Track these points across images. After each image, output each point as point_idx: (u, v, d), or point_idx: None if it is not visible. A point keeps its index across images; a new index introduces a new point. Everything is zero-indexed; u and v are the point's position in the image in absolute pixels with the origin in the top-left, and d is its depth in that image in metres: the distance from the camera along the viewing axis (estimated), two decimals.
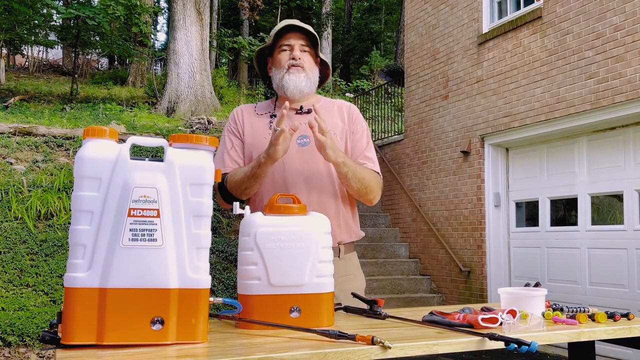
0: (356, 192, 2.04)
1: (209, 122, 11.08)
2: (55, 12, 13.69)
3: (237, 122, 2.14)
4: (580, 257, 5.83)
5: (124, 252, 1.28)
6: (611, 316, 1.68)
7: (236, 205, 1.60)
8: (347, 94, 17.21)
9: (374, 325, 1.59)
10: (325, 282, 1.58)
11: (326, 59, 2.20)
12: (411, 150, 8.28)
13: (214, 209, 5.84)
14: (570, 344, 1.97)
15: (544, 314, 1.67)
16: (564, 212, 6.34)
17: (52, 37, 17.14)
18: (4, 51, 18.54)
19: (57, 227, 6.61)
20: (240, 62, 20.80)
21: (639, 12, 5.06)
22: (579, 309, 1.77)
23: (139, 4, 13.27)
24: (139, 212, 1.30)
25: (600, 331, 1.57)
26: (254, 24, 20.82)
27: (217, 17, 20.39)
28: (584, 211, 5.83)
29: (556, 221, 6.30)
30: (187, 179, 1.35)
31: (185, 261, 1.33)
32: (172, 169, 1.34)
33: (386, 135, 9.91)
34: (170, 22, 12.64)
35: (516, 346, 1.32)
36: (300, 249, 1.55)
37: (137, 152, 7.54)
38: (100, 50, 19.13)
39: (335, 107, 2.17)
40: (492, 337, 1.35)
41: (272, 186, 2.00)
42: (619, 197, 5.55)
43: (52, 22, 14.93)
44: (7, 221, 6.49)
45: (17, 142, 8.01)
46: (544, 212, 6.32)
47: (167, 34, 14.93)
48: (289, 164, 2.01)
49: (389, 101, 12.61)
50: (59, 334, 1.27)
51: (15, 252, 6.11)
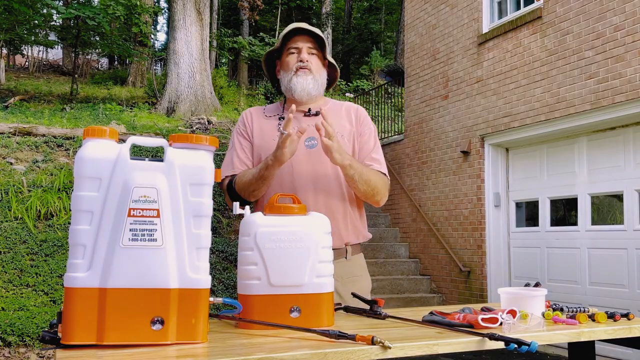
0: (363, 193, 2.05)
1: (209, 122, 11.08)
2: (55, 12, 13.69)
3: (246, 124, 2.16)
4: (580, 257, 5.83)
5: (124, 252, 1.28)
6: (611, 316, 1.68)
7: (236, 205, 1.60)
8: (347, 94, 17.21)
9: (374, 325, 1.59)
10: (325, 282, 1.58)
11: (334, 61, 2.22)
12: (411, 150, 8.28)
13: (214, 209, 5.86)
14: (570, 344, 1.97)
15: (544, 314, 1.67)
16: (564, 212, 6.34)
17: (52, 37, 17.14)
18: (4, 51, 18.54)
19: (57, 227, 6.61)
20: (240, 62, 20.79)
21: (639, 12, 5.06)
22: (579, 309, 1.77)
23: (139, 4, 13.27)
24: (139, 212, 1.30)
25: (600, 331, 1.57)
26: (254, 24, 20.82)
27: (217, 17, 20.39)
28: (584, 211, 5.83)
29: (556, 221, 6.30)
30: (187, 179, 1.35)
31: (185, 261, 1.33)
32: (172, 169, 1.34)
33: (386, 135, 9.91)
34: (170, 22, 12.64)
35: (516, 346, 1.32)
36: (300, 249, 1.55)
37: (137, 152, 7.54)
38: (100, 50, 19.14)
39: (343, 109, 2.19)
40: (492, 337, 1.35)
41: (280, 188, 2.01)
42: (619, 197, 5.55)
43: (52, 22, 14.92)
44: (7, 221, 6.49)
45: (17, 142, 8.01)
46: (544, 212, 6.32)
47: (167, 34, 14.94)
48: (297, 166, 2.03)
49: (389, 101, 12.61)
50: (59, 334, 1.27)
51: (15, 252, 6.11)
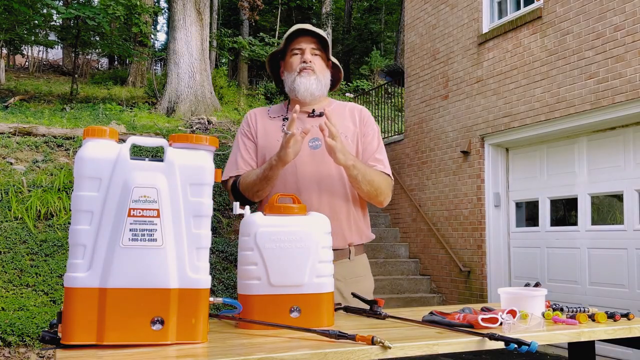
0: (366, 194, 2.06)
1: (209, 122, 11.08)
2: (55, 12, 13.69)
3: (250, 125, 2.17)
4: (580, 257, 5.83)
5: (124, 252, 1.28)
6: (611, 316, 1.68)
7: (236, 205, 1.60)
8: (347, 94, 17.21)
9: (374, 325, 1.59)
10: (325, 282, 1.58)
11: (337, 62, 2.23)
12: (411, 150, 8.28)
13: (214, 209, 5.85)
14: (570, 344, 1.97)
15: (544, 314, 1.67)
16: (564, 212, 6.34)
17: (52, 37, 17.13)
18: (4, 51, 18.54)
19: (57, 227, 6.61)
20: (240, 62, 20.79)
21: (639, 12, 5.06)
22: (579, 309, 1.77)
23: (139, 4, 13.27)
24: (139, 212, 1.30)
25: (600, 331, 1.57)
26: (254, 24, 20.82)
27: (217, 17, 20.39)
28: (584, 211, 5.83)
29: (556, 221, 6.30)
30: (187, 179, 1.35)
31: (185, 261, 1.33)
32: (172, 169, 1.34)
33: (386, 135, 9.91)
34: (170, 22, 12.63)
35: (516, 346, 1.32)
36: (300, 249, 1.55)
37: (137, 152, 7.54)
38: (100, 50, 19.13)
39: (346, 110, 2.19)
40: (492, 337, 1.35)
41: (284, 188, 2.02)
42: (619, 197, 5.55)
43: (52, 22, 14.92)
44: (7, 221, 6.49)
45: (17, 142, 8.01)
46: (544, 212, 6.32)
47: (167, 34, 14.93)
48: (300, 167, 2.04)
49: (389, 101, 12.62)
50: (59, 334, 1.27)
51: (15, 252, 6.11)
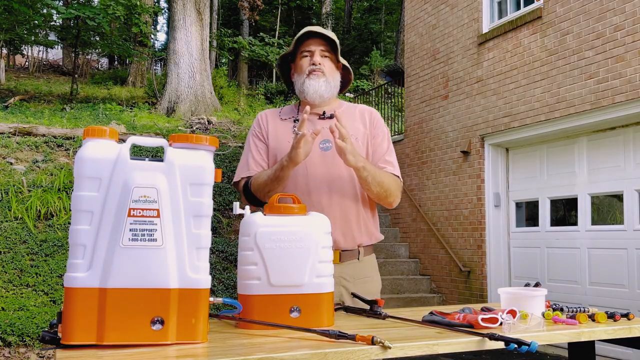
0: (376, 195, 2.07)
1: (209, 122, 11.08)
2: (55, 12, 13.69)
3: (261, 126, 2.19)
4: (580, 257, 5.83)
5: (124, 252, 1.28)
6: (611, 316, 1.68)
7: (236, 205, 1.60)
8: (347, 94, 17.20)
9: (374, 325, 1.60)
10: (325, 282, 1.58)
11: (347, 64, 2.24)
12: (411, 150, 8.28)
13: (214, 209, 5.85)
14: (570, 344, 1.97)
15: (544, 314, 1.67)
16: (564, 212, 6.34)
17: (52, 37, 17.13)
18: (4, 51, 18.54)
19: (57, 227, 6.61)
20: (240, 62, 20.79)
21: (639, 12, 5.06)
22: (579, 309, 1.77)
23: (139, 4, 13.27)
24: (139, 212, 1.30)
25: (600, 331, 1.57)
26: (254, 24, 20.81)
27: (217, 17, 20.39)
28: (584, 211, 5.83)
29: (556, 221, 6.30)
30: (187, 179, 1.35)
31: (185, 261, 1.33)
32: (172, 169, 1.34)
33: None
34: (170, 22, 12.64)
35: (516, 346, 1.32)
36: (300, 249, 1.55)
37: (137, 152, 7.54)
38: (100, 50, 19.14)
39: (357, 112, 2.21)
40: (492, 337, 1.35)
41: (294, 189, 2.03)
42: (619, 197, 5.55)
43: (52, 22, 14.92)
44: (7, 221, 6.49)
45: (17, 142, 8.01)
46: (544, 212, 6.32)
47: (167, 34, 14.93)
48: (311, 168, 2.05)
49: (389, 101, 12.62)
50: (59, 334, 1.27)
51: (15, 252, 6.11)
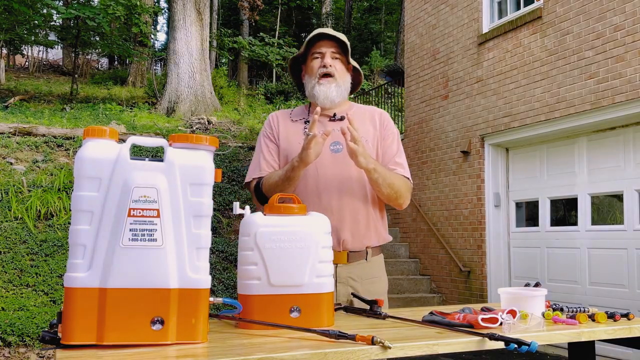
0: (386, 197, 2.10)
1: (209, 122, 11.09)
2: (55, 12, 13.69)
3: (272, 127, 2.20)
4: (580, 257, 5.83)
5: (124, 252, 1.28)
6: (611, 316, 1.68)
7: (236, 205, 1.60)
8: None
9: (374, 325, 1.60)
10: (325, 282, 1.58)
11: (357, 65, 2.25)
12: (411, 150, 8.27)
13: (214, 209, 5.85)
14: (570, 344, 1.97)
15: (544, 314, 1.67)
16: (564, 212, 6.34)
17: (52, 37, 17.13)
18: (4, 51, 18.54)
19: (57, 227, 6.61)
20: (240, 62, 20.79)
21: (639, 12, 5.06)
22: (579, 309, 1.77)
23: (139, 4, 13.27)
24: (139, 212, 1.30)
25: (600, 331, 1.57)
26: (254, 24, 20.81)
27: (217, 17, 20.39)
28: (584, 211, 5.82)
29: (556, 221, 6.30)
30: (187, 179, 1.35)
31: (185, 261, 1.33)
32: (172, 169, 1.34)
33: None
34: (170, 22, 12.64)
35: (516, 346, 1.32)
36: (300, 249, 1.55)
37: (137, 152, 7.54)
38: (100, 50, 19.13)
39: (367, 114, 2.22)
40: (492, 337, 1.35)
41: (305, 190, 2.04)
42: (619, 197, 5.55)
43: (52, 22, 14.92)
44: (7, 221, 6.49)
45: (17, 142, 8.01)
46: (544, 212, 6.32)
47: (167, 34, 14.93)
48: (321, 170, 2.06)
49: (389, 101, 12.62)
50: (59, 334, 1.27)
51: (15, 252, 6.11)
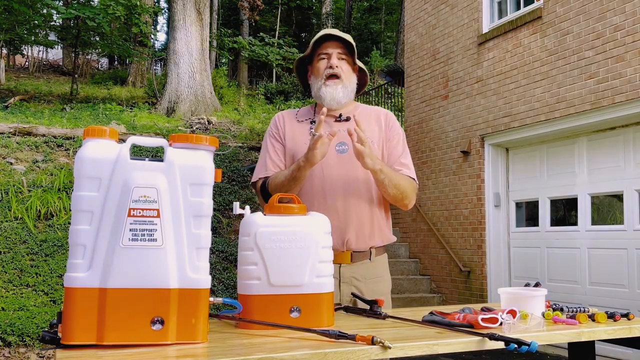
0: (392, 197, 2.10)
1: (209, 122, 11.09)
2: (55, 12, 13.69)
3: (278, 127, 2.21)
4: (580, 257, 5.83)
5: (124, 252, 1.28)
6: (611, 316, 1.68)
7: (236, 205, 1.60)
8: None
9: (374, 325, 1.60)
10: (325, 282, 1.59)
11: (364, 66, 2.25)
12: (411, 150, 8.24)
13: (214, 209, 5.85)
14: (570, 344, 1.97)
15: (544, 314, 1.67)
16: (564, 212, 6.34)
17: (52, 37, 17.12)
18: (4, 51, 18.53)
19: (57, 227, 6.61)
20: (240, 62, 20.79)
21: (639, 12, 5.06)
22: (579, 309, 1.77)
23: (139, 4, 13.26)
24: (139, 212, 1.30)
25: (600, 331, 1.57)
26: (254, 24, 20.81)
27: (217, 17, 20.38)
28: (584, 211, 5.82)
29: (556, 221, 6.29)
30: (187, 179, 1.35)
31: (185, 261, 1.33)
32: (172, 169, 1.34)
33: None
34: (170, 22, 12.64)
35: (516, 346, 1.32)
36: (300, 249, 1.55)
37: (137, 152, 7.54)
38: (100, 50, 19.12)
39: (372, 114, 2.23)
40: (492, 337, 1.35)
41: (310, 191, 2.06)
42: (619, 197, 5.55)
43: (52, 22, 14.92)
44: (7, 221, 6.49)
45: (17, 142, 8.01)
46: (544, 212, 6.32)
47: (167, 34, 14.93)
48: (327, 170, 2.07)
49: (389, 101, 12.62)
50: (59, 334, 1.27)
51: (15, 252, 6.11)
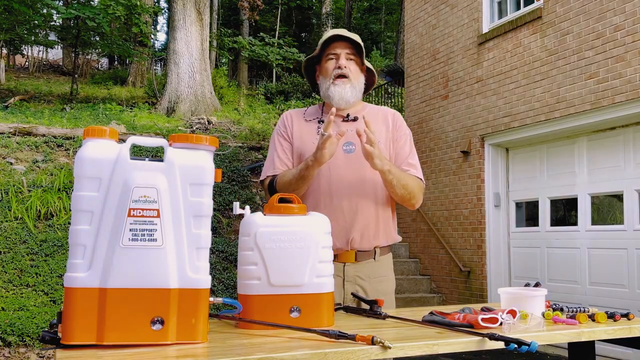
0: (400, 197, 2.11)
1: (209, 122, 11.08)
2: (55, 12, 13.68)
3: (286, 126, 2.22)
4: (580, 257, 5.83)
5: (124, 252, 1.28)
6: (611, 316, 1.68)
7: (236, 205, 1.60)
8: None
9: (374, 325, 1.60)
10: (325, 282, 1.58)
11: (371, 66, 2.26)
12: None
13: (214, 209, 5.85)
14: (570, 344, 1.97)
15: (544, 314, 1.67)
16: (564, 212, 6.34)
17: (52, 37, 17.12)
18: (4, 51, 18.53)
19: (57, 227, 6.61)
20: (240, 62, 20.78)
21: (639, 12, 5.06)
22: (579, 309, 1.77)
23: (139, 4, 13.26)
24: (139, 212, 1.30)
25: (600, 331, 1.57)
26: (254, 24, 20.81)
27: (217, 17, 20.38)
28: (584, 211, 5.82)
29: (556, 221, 6.29)
30: (187, 179, 1.35)
31: (185, 261, 1.33)
32: (172, 169, 1.34)
33: None
34: (170, 22, 12.64)
35: (516, 346, 1.32)
36: (300, 249, 1.55)
37: (137, 152, 7.54)
38: (100, 50, 19.12)
39: (380, 114, 2.23)
40: (492, 337, 1.35)
41: (317, 190, 2.07)
42: (619, 197, 5.55)
43: (52, 22, 14.91)
44: (7, 221, 6.49)
45: (17, 142, 8.01)
46: (544, 212, 6.32)
47: (167, 34, 14.93)
48: (334, 170, 2.08)
49: (389, 101, 12.63)
50: (59, 334, 1.27)
51: (15, 252, 6.11)
